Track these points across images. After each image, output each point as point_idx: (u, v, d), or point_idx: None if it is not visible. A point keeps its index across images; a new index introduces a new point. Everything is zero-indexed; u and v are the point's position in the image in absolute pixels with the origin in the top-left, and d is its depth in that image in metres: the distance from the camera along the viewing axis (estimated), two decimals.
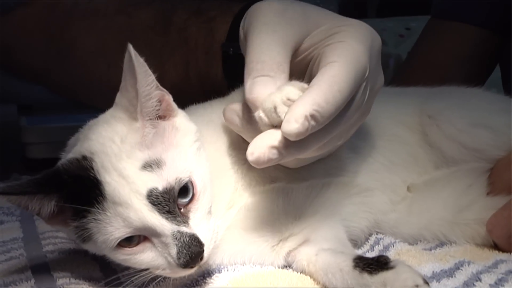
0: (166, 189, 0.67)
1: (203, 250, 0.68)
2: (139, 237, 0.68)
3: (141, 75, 0.67)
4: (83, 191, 0.68)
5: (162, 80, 0.72)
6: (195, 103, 0.87)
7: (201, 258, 0.68)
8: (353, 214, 0.86)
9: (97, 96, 1.15)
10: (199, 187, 0.70)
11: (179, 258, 0.67)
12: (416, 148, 0.92)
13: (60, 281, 0.74)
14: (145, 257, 0.69)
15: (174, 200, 0.68)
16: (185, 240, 0.67)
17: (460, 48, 1.32)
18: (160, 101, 0.71)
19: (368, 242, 0.87)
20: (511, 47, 1.27)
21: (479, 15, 1.30)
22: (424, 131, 0.92)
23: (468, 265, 0.75)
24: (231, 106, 0.75)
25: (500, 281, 0.71)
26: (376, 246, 0.85)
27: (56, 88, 1.25)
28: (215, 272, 0.75)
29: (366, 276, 0.67)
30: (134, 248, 0.68)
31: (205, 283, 0.73)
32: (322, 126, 0.67)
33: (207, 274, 0.74)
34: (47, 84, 1.24)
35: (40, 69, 1.18)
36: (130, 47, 0.66)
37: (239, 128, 0.75)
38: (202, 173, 0.72)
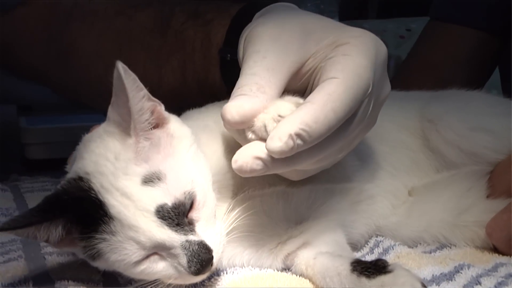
0: (176, 204, 0.67)
1: (213, 256, 0.68)
2: None
3: (132, 93, 0.66)
4: (87, 212, 0.67)
5: (160, 84, 0.71)
6: (193, 108, 0.86)
7: (211, 264, 0.68)
8: (354, 221, 0.85)
9: (96, 97, 1.15)
10: (200, 196, 0.70)
11: (190, 267, 0.66)
12: (418, 154, 0.92)
13: (58, 283, 0.74)
14: (156, 269, 0.68)
15: (184, 213, 0.68)
16: (194, 248, 0.67)
17: (459, 50, 1.32)
18: (152, 112, 0.69)
19: (367, 245, 0.87)
20: (511, 50, 1.27)
21: (477, 18, 1.30)
22: (425, 136, 0.92)
23: (468, 268, 0.75)
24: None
25: (500, 285, 0.71)
26: (376, 249, 0.84)
27: (56, 88, 1.25)
28: (214, 275, 0.75)
29: (364, 280, 0.67)
30: (144, 261, 0.68)
31: (203, 285, 0.73)
32: (314, 144, 0.65)
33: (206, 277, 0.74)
34: (47, 83, 1.24)
35: (40, 69, 1.18)
36: (119, 64, 0.65)
37: (236, 135, 0.73)
38: (202, 179, 0.71)
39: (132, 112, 0.66)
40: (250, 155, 0.65)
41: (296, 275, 0.76)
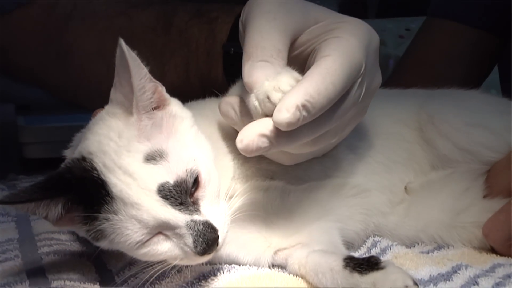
0: (177, 182, 0.67)
1: (218, 236, 0.68)
2: None
3: (135, 69, 0.67)
4: (89, 192, 0.67)
5: (162, 82, 0.72)
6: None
7: (217, 244, 0.68)
8: (348, 217, 0.85)
9: (96, 98, 1.14)
10: (204, 173, 0.70)
11: (196, 247, 0.67)
12: (414, 145, 0.92)
13: (55, 283, 0.74)
14: (161, 249, 0.68)
15: (187, 192, 0.68)
16: (200, 228, 0.67)
17: (455, 48, 1.32)
18: (153, 93, 0.70)
19: (365, 245, 0.87)
20: (511, 49, 1.27)
21: (474, 16, 1.30)
22: (421, 129, 0.92)
23: (466, 268, 0.75)
24: (226, 99, 0.75)
25: (497, 285, 0.70)
26: (373, 249, 0.84)
27: (54, 90, 1.25)
28: (211, 275, 0.75)
29: (356, 276, 0.67)
30: (149, 242, 0.68)
31: (200, 285, 0.73)
32: (314, 118, 0.67)
33: (202, 276, 0.74)
34: (45, 86, 1.24)
35: (38, 71, 1.18)
36: (122, 41, 0.66)
37: (234, 121, 0.75)
38: (205, 158, 0.72)
39: (135, 88, 0.67)
40: (255, 133, 0.66)
41: (293, 275, 0.76)
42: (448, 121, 0.90)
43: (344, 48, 0.71)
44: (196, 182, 0.69)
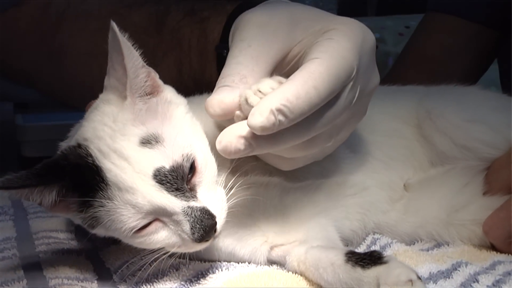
0: (173, 167, 0.67)
1: (216, 222, 0.68)
2: None
3: (127, 51, 0.66)
4: (84, 179, 0.67)
5: None
6: None
7: (215, 230, 0.68)
8: (345, 217, 0.85)
9: (89, 99, 1.14)
10: (201, 159, 0.70)
11: (193, 234, 0.66)
12: (412, 142, 0.92)
13: (52, 282, 0.74)
14: (159, 237, 0.68)
15: (183, 177, 0.67)
16: (196, 214, 0.67)
17: (454, 42, 1.32)
18: (147, 77, 0.70)
19: (364, 242, 0.86)
20: (511, 45, 1.26)
21: (474, 10, 1.29)
22: (419, 125, 0.92)
23: (466, 266, 0.74)
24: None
25: (497, 283, 0.70)
26: (373, 246, 0.84)
27: (48, 91, 1.24)
28: (209, 273, 0.74)
29: (358, 270, 0.66)
30: (147, 229, 0.68)
31: (199, 283, 0.73)
32: (296, 122, 0.65)
33: (201, 274, 0.74)
34: (38, 86, 1.23)
35: (31, 71, 1.17)
36: (113, 24, 0.66)
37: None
38: (201, 144, 0.71)
39: (128, 71, 0.67)
40: (234, 135, 0.65)
41: (292, 273, 0.75)
42: (447, 117, 0.89)
43: (333, 51, 0.69)
44: (192, 168, 0.69)
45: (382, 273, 0.64)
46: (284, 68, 0.74)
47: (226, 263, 0.78)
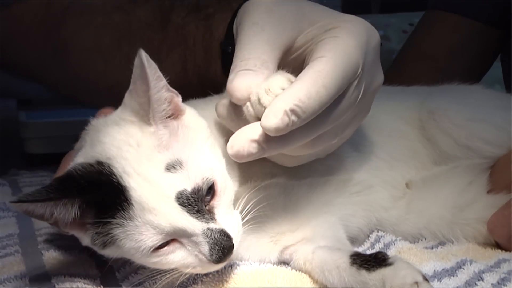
0: (195, 189, 0.67)
1: (233, 244, 0.68)
2: None
3: (154, 82, 0.66)
4: (106, 196, 0.66)
5: None
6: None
7: (232, 252, 0.68)
8: (352, 214, 0.85)
9: (93, 94, 1.14)
10: (220, 182, 0.70)
11: (211, 255, 0.66)
12: (415, 143, 0.91)
13: (55, 278, 0.73)
14: (175, 257, 0.68)
15: (202, 199, 0.68)
16: (216, 236, 0.67)
17: (455, 40, 1.31)
18: (170, 103, 0.70)
19: (368, 240, 0.86)
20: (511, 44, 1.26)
21: (475, 8, 1.28)
22: (423, 126, 0.91)
23: (470, 264, 0.74)
24: (223, 101, 0.74)
25: (502, 281, 0.70)
26: (377, 244, 0.84)
27: (52, 86, 1.24)
28: (213, 271, 0.74)
29: (363, 273, 0.66)
30: (164, 249, 0.68)
31: (202, 281, 0.72)
32: (306, 122, 0.66)
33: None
34: (43, 81, 1.23)
35: (35, 66, 1.17)
36: (142, 52, 0.65)
37: (229, 123, 0.74)
38: (221, 168, 0.72)
39: (152, 102, 0.67)
40: (245, 139, 0.65)
41: (296, 271, 0.75)
42: (449, 117, 0.89)
43: (339, 49, 0.69)
44: (212, 191, 0.69)
45: (387, 276, 0.64)
46: (288, 57, 0.74)
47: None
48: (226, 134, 0.79)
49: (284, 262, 0.79)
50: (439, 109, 0.90)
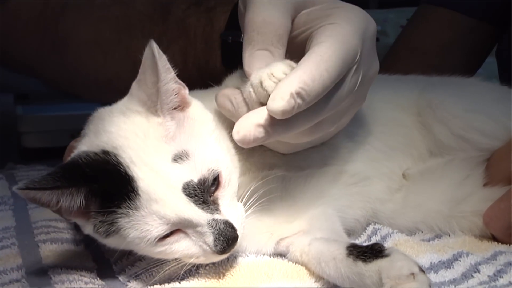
0: (201, 180, 0.68)
1: (238, 235, 0.68)
2: None
3: (164, 74, 0.66)
4: (112, 185, 0.67)
5: None
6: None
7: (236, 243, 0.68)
8: (348, 206, 0.85)
9: (92, 88, 1.14)
10: (225, 174, 0.71)
11: (216, 246, 0.67)
12: (412, 130, 0.91)
13: (51, 271, 0.73)
14: (179, 247, 0.69)
15: (207, 190, 0.68)
16: (221, 227, 0.67)
17: (448, 36, 1.30)
18: (177, 94, 0.70)
19: (365, 232, 0.86)
20: (510, 41, 1.25)
21: (469, 4, 1.28)
22: (419, 113, 0.91)
23: (467, 256, 0.74)
24: (223, 91, 0.74)
25: (499, 273, 0.70)
26: (374, 237, 0.84)
27: (51, 80, 1.23)
28: (209, 263, 0.74)
29: (360, 264, 0.65)
30: (168, 239, 0.68)
31: (198, 273, 0.72)
32: (310, 106, 0.66)
33: (200, 264, 0.73)
34: (41, 76, 1.22)
35: (34, 61, 1.16)
36: (153, 43, 0.65)
37: (231, 113, 0.74)
38: (226, 160, 0.72)
39: (161, 93, 0.67)
40: (251, 124, 0.66)
41: (293, 263, 0.75)
42: (447, 107, 0.89)
43: (339, 35, 0.70)
44: (216, 182, 0.70)
45: (384, 267, 0.64)
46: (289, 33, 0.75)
47: None
48: (228, 126, 0.79)
49: (280, 254, 0.79)
50: (437, 99, 0.90)
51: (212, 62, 0.99)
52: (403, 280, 0.62)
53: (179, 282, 0.71)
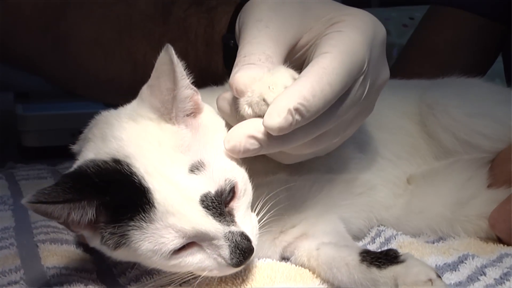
0: (218, 192, 0.65)
1: (253, 247, 0.66)
2: None
3: (181, 82, 0.64)
4: (125, 197, 0.63)
5: None
6: None
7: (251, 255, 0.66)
8: (355, 217, 0.84)
9: (93, 87, 1.13)
10: (241, 185, 0.68)
11: (232, 259, 0.65)
12: (418, 140, 0.90)
13: (50, 272, 0.73)
14: (193, 260, 0.66)
15: (224, 201, 0.66)
16: (237, 239, 0.65)
17: (459, 35, 1.30)
18: (191, 100, 0.68)
19: (369, 234, 0.85)
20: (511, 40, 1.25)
21: (479, 3, 1.28)
22: (423, 122, 0.90)
23: (472, 258, 0.73)
24: (224, 95, 0.72)
25: (505, 275, 0.69)
26: (378, 239, 0.83)
27: (52, 78, 1.23)
28: None
29: (374, 270, 0.64)
30: (182, 252, 0.65)
31: (199, 276, 0.71)
32: (310, 121, 0.64)
33: None
34: (42, 74, 1.22)
35: (35, 58, 1.15)
36: (170, 48, 0.62)
37: (229, 117, 0.71)
38: (241, 170, 0.69)
39: (177, 101, 0.65)
40: (243, 134, 0.64)
41: (295, 265, 0.74)
42: (449, 112, 0.88)
43: (344, 44, 0.67)
44: (232, 192, 0.67)
45: (399, 273, 0.62)
46: (292, 55, 0.73)
47: None
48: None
49: (283, 257, 0.78)
50: (438, 104, 0.89)
51: (214, 65, 0.98)
52: (420, 286, 0.61)
53: (180, 285, 0.69)
